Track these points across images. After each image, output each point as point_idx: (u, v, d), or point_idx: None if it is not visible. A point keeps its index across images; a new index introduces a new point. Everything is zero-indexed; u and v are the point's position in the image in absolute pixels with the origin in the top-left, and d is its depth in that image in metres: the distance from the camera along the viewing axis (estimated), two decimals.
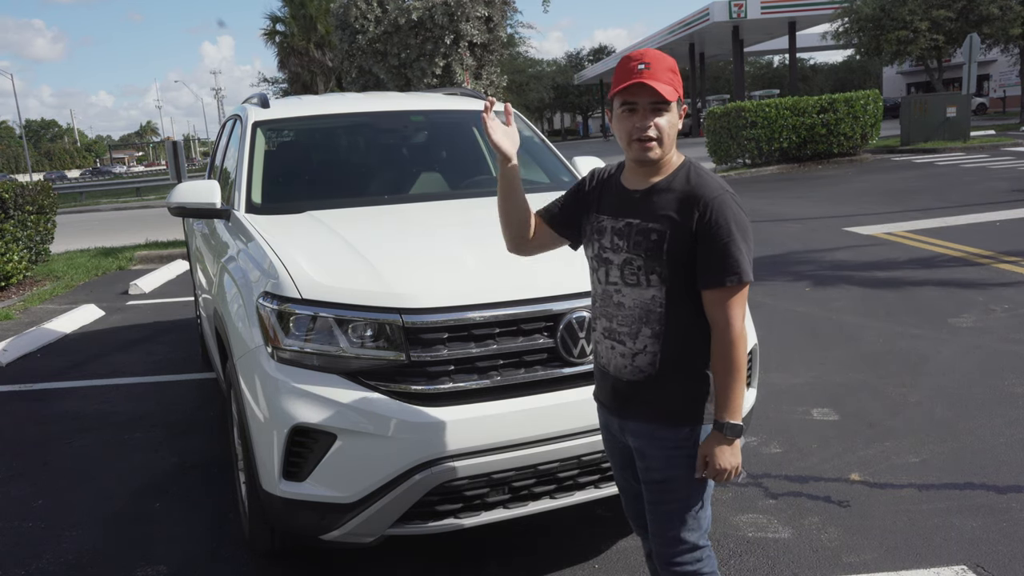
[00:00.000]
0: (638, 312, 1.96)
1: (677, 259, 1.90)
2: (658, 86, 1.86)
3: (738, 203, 1.92)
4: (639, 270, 1.94)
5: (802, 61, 61.11)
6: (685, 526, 2.01)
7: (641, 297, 1.95)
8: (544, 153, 4.47)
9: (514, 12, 17.04)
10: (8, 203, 9.25)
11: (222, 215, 3.76)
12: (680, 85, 1.93)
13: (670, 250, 1.90)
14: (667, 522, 2.02)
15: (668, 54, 1.98)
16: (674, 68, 1.92)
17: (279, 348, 2.61)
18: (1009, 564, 2.81)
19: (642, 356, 1.96)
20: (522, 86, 51.78)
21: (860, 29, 26.76)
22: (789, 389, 4.67)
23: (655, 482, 2.01)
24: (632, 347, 1.98)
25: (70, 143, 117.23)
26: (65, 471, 4.20)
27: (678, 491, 1.99)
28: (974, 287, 6.60)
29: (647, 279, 1.93)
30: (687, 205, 1.89)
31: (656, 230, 1.92)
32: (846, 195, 13.19)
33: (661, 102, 1.89)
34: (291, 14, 31.17)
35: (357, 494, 2.51)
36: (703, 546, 2.04)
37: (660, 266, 1.91)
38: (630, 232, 1.96)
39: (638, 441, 2.03)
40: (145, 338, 7.01)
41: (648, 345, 1.95)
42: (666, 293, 1.92)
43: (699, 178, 1.94)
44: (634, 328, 1.97)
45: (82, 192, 31.61)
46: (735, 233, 1.87)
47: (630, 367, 1.99)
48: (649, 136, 1.90)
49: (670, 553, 2.04)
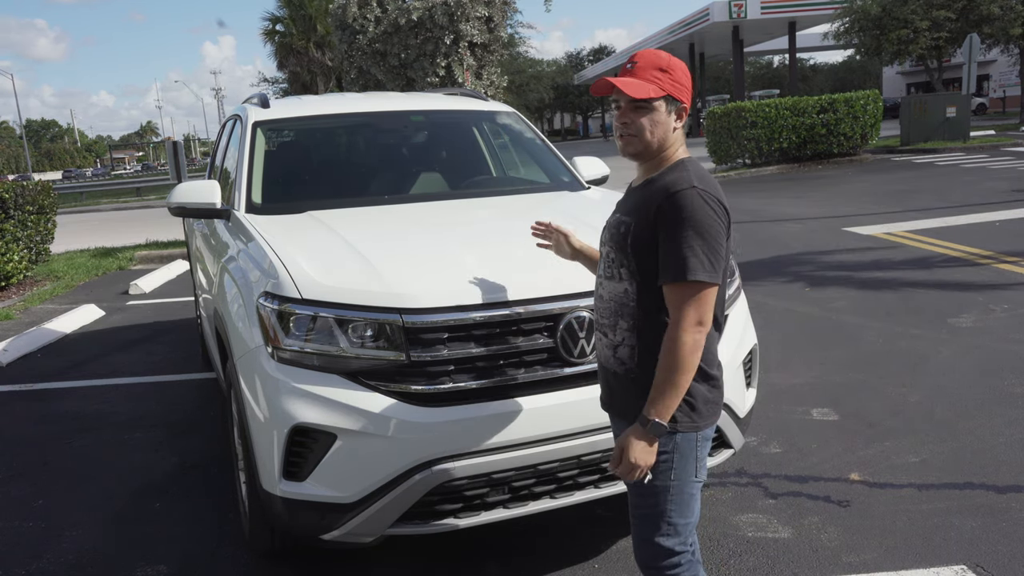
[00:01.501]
0: (614, 305, 1.99)
1: (641, 252, 1.90)
2: (624, 84, 1.88)
3: (706, 199, 1.85)
4: (612, 263, 1.99)
5: (802, 61, 61.12)
6: (659, 531, 1.98)
7: (615, 290, 1.99)
8: (544, 153, 4.47)
9: (514, 12, 17.03)
10: (8, 203, 9.25)
11: (222, 215, 3.76)
12: (674, 84, 1.92)
13: (633, 243, 1.91)
14: (643, 526, 2.01)
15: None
16: (666, 67, 1.91)
17: (279, 348, 2.61)
18: (1009, 564, 2.82)
19: (623, 348, 1.99)
20: (522, 86, 51.77)
21: (861, 29, 26.76)
22: (789, 389, 4.67)
23: (632, 484, 2.00)
24: (613, 339, 2.01)
25: (70, 143, 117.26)
26: (65, 471, 4.20)
27: (654, 496, 1.97)
28: (974, 287, 6.60)
29: (618, 272, 1.97)
30: (653, 198, 1.90)
31: (624, 222, 1.96)
32: (846, 195, 13.19)
33: (636, 100, 1.90)
34: (290, 14, 31.17)
35: (357, 494, 2.51)
36: (680, 552, 2.00)
37: (627, 259, 1.94)
38: (612, 224, 2.03)
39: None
40: (145, 338, 7.01)
41: (626, 338, 1.98)
42: (637, 288, 1.94)
43: (676, 173, 1.91)
44: (612, 320, 2.00)
45: (82, 192, 31.62)
46: (686, 229, 1.82)
47: (613, 359, 2.02)
48: (627, 132, 1.94)
49: (646, 557, 2.03)
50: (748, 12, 32.60)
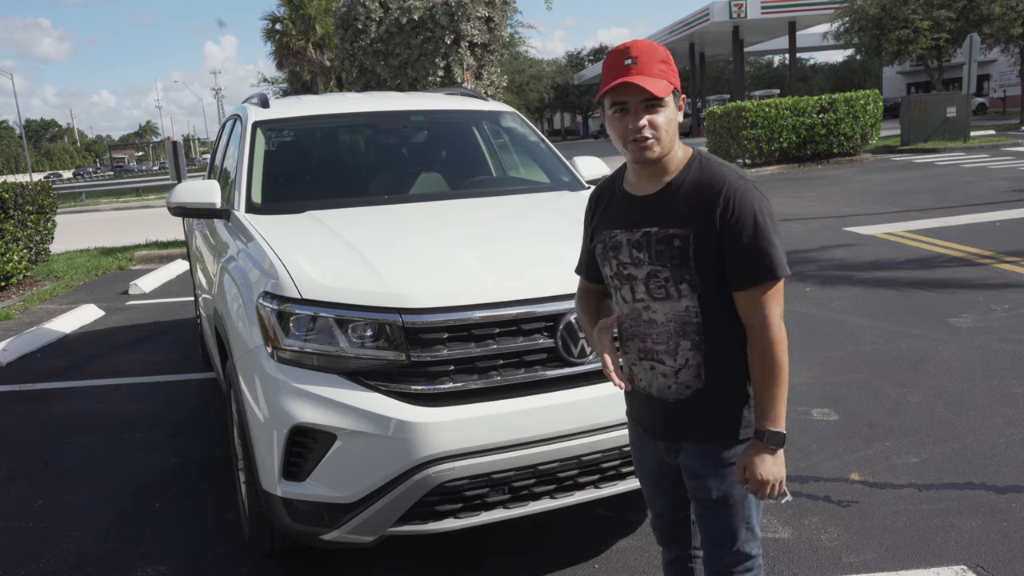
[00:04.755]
0: (673, 327, 1.81)
1: (706, 263, 1.74)
2: (647, 83, 1.71)
3: (759, 190, 1.75)
4: (667, 282, 1.78)
5: (802, 61, 61.13)
6: (740, 539, 1.92)
7: (674, 310, 1.80)
8: (544, 153, 4.47)
9: (514, 12, 17.06)
10: (8, 203, 9.25)
11: (222, 215, 3.76)
12: (675, 75, 1.78)
13: (697, 255, 1.74)
14: (724, 537, 1.93)
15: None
16: (666, 58, 1.76)
17: (279, 348, 2.61)
18: (1009, 564, 2.81)
19: (686, 371, 1.82)
20: (522, 86, 51.75)
21: (860, 29, 26.76)
22: (789, 389, 4.66)
23: (710, 500, 1.89)
24: (674, 364, 1.82)
25: (70, 143, 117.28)
26: (65, 471, 4.20)
27: (735, 507, 1.89)
28: (974, 287, 6.60)
29: (677, 290, 1.78)
30: (706, 202, 1.73)
31: (678, 235, 1.75)
32: (846, 195, 13.19)
33: (653, 99, 1.73)
34: (289, 14, 31.20)
35: (357, 494, 2.51)
36: (755, 555, 1.95)
37: (689, 274, 1.76)
38: (649, 242, 1.80)
39: (689, 460, 1.90)
40: (145, 338, 7.01)
41: (690, 358, 1.81)
42: (699, 300, 1.78)
43: (712, 170, 1.78)
44: (672, 344, 1.82)
45: (82, 192, 31.63)
46: (763, 225, 1.71)
47: (675, 385, 1.84)
48: (645, 136, 1.74)
49: (726, 565, 1.96)
50: (748, 12, 32.59)
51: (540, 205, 3.89)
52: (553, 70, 62.92)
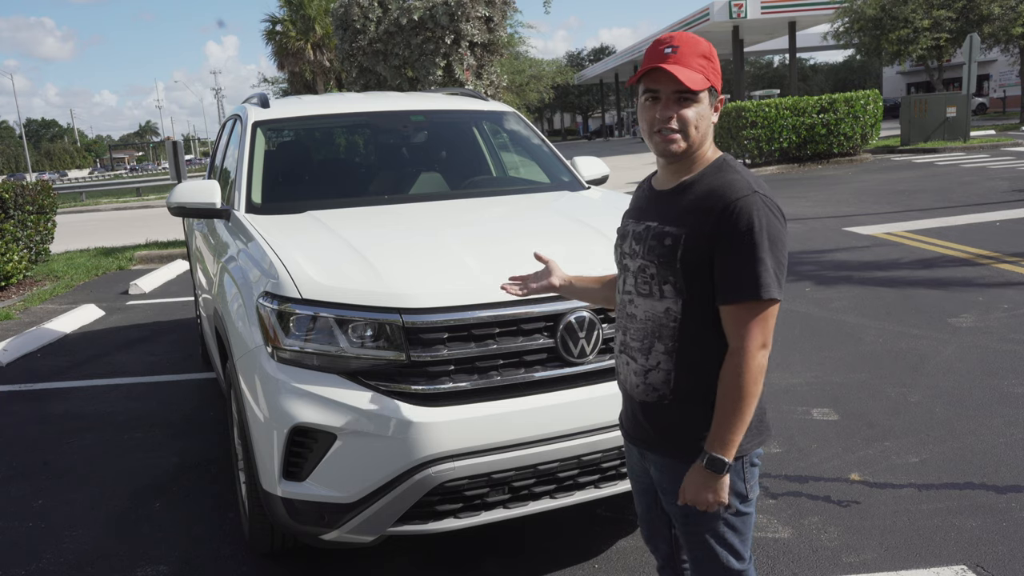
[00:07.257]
0: (650, 326, 1.77)
1: (692, 268, 1.69)
2: (680, 72, 1.66)
3: (770, 207, 1.67)
4: (651, 279, 1.76)
5: (802, 61, 61.13)
6: (718, 553, 1.86)
7: (653, 309, 1.76)
8: (544, 153, 4.47)
9: (514, 12, 17.04)
10: (8, 203, 9.25)
11: (222, 215, 3.76)
12: (715, 73, 1.74)
13: (684, 257, 1.69)
14: (701, 551, 1.88)
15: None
16: (708, 54, 1.72)
17: (279, 348, 2.61)
18: (1009, 564, 2.81)
19: (655, 373, 1.78)
20: (522, 86, 51.73)
21: (860, 29, 26.76)
22: (789, 389, 4.67)
23: (679, 515, 1.87)
24: (644, 364, 1.79)
25: (70, 143, 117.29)
26: (65, 471, 4.20)
27: (703, 524, 1.83)
28: (974, 287, 6.60)
29: (660, 289, 1.74)
30: (708, 207, 1.69)
31: (671, 234, 1.72)
32: (846, 195, 13.19)
33: (685, 91, 1.69)
34: (289, 15, 31.22)
35: (357, 494, 2.51)
36: (738, 569, 1.88)
37: (674, 275, 1.71)
38: (647, 236, 1.78)
39: (658, 474, 1.89)
40: (145, 338, 7.01)
41: (662, 362, 1.77)
42: (682, 306, 1.72)
43: (727, 177, 1.71)
44: (646, 343, 1.78)
45: (82, 192, 31.62)
46: (757, 240, 1.63)
47: (643, 385, 1.81)
48: (671, 128, 1.70)
49: None
50: (748, 12, 32.57)
51: (540, 205, 3.89)
52: (553, 70, 62.90)
